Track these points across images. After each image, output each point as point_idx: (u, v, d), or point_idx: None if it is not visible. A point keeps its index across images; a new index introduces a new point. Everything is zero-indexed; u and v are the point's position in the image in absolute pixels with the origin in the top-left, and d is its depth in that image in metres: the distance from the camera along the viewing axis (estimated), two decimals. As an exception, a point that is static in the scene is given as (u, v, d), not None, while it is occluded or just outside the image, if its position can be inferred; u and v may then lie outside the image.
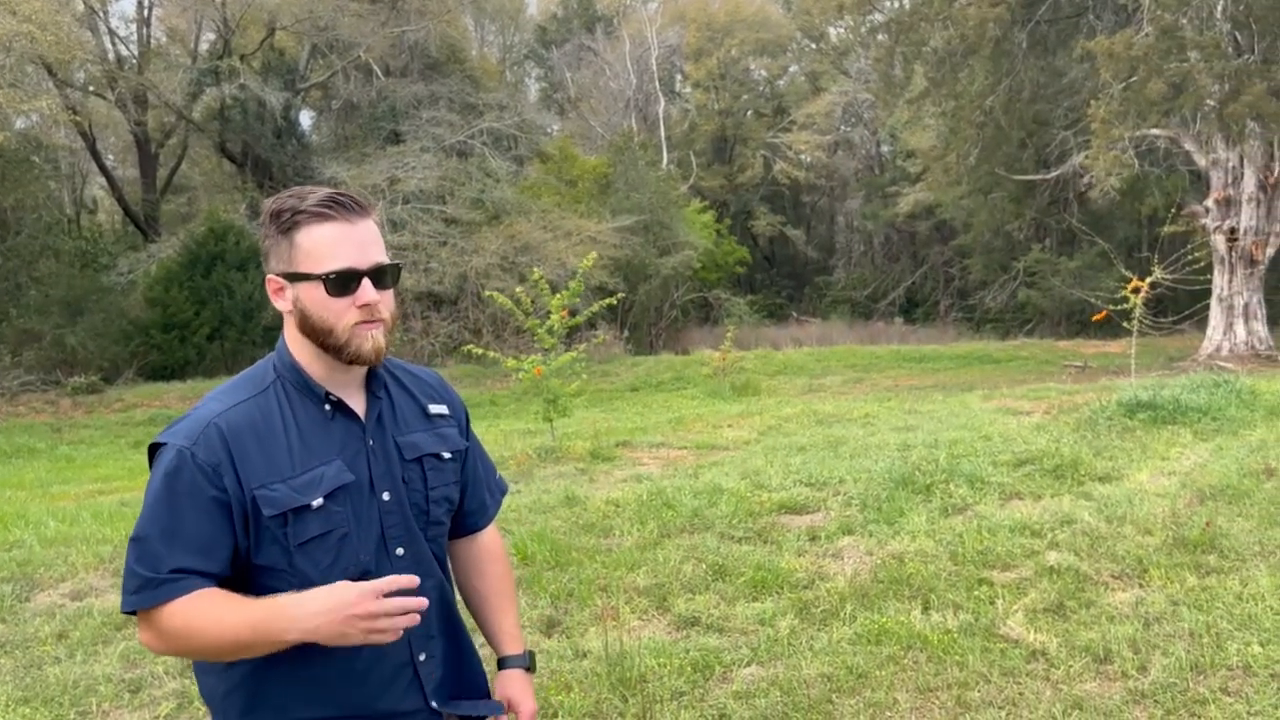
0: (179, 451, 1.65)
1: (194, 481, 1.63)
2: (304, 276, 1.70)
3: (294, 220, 1.69)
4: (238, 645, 1.60)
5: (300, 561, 1.68)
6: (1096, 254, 27.43)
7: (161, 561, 1.61)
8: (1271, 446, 6.91)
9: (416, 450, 1.84)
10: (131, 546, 1.64)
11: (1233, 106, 16.06)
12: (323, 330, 1.71)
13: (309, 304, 1.70)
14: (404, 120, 28.83)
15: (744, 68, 45.31)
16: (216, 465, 1.64)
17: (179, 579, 1.61)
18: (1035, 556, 5.01)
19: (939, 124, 24.46)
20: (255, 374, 1.79)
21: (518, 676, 2.02)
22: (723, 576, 5.06)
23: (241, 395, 1.74)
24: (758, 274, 43.74)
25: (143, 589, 1.61)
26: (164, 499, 1.64)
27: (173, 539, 1.62)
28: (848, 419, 10.80)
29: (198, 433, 1.66)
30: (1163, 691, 3.52)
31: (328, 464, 1.71)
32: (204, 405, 1.73)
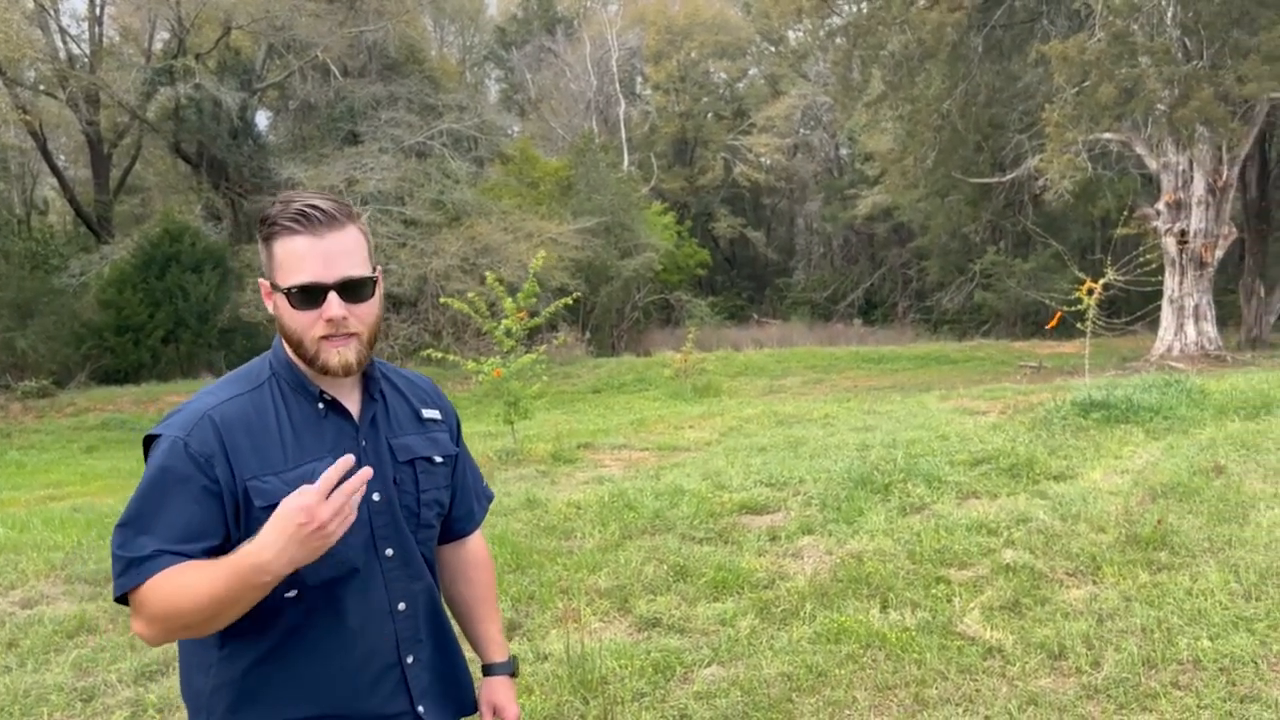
0: (172, 441, 1.66)
1: (186, 470, 1.64)
2: (276, 287, 1.72)
3: (270, 230, 1.71)
4: (220, 601, 1.56)
5: None
6: (1051, 256, 27.84)
7: (144, 545, 1.61)
8: (1220, 445, 7.04)
9: (409, 453, 1.85)
10: (117, 532, 1.64)
11: (1182, 111, 16.37)
12: (294, 341, 1.73)
13: (281, 314, 1.72)
14: (362, 121, 28.60)
15: (704, 70, 45.44)
16: (209, 456, 1.65)
17: (159, 555, 1.60)
18: (991, 555, 5.07)
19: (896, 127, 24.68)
20: (251, 370, 1.81)
21: (503, 683, 2.04)
22: (684, 577, 5.08)
23: (236, 390, 1.75)
24: (719, 276, 43.88)
25: (126, 571, 1.61)
26: (154, 487, 1.65)
27: (157, 524, 1.62)
28: (808, 419, 10.87)
29: (192, 424, 1.68)
30: (1115, 686, 3.58)
31: (320, 460, 1.69)
32: (199, 399, 1.74)
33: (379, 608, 1.77)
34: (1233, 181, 18.68)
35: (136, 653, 4.46)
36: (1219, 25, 16.58)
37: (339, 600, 1.73)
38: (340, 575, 1.71)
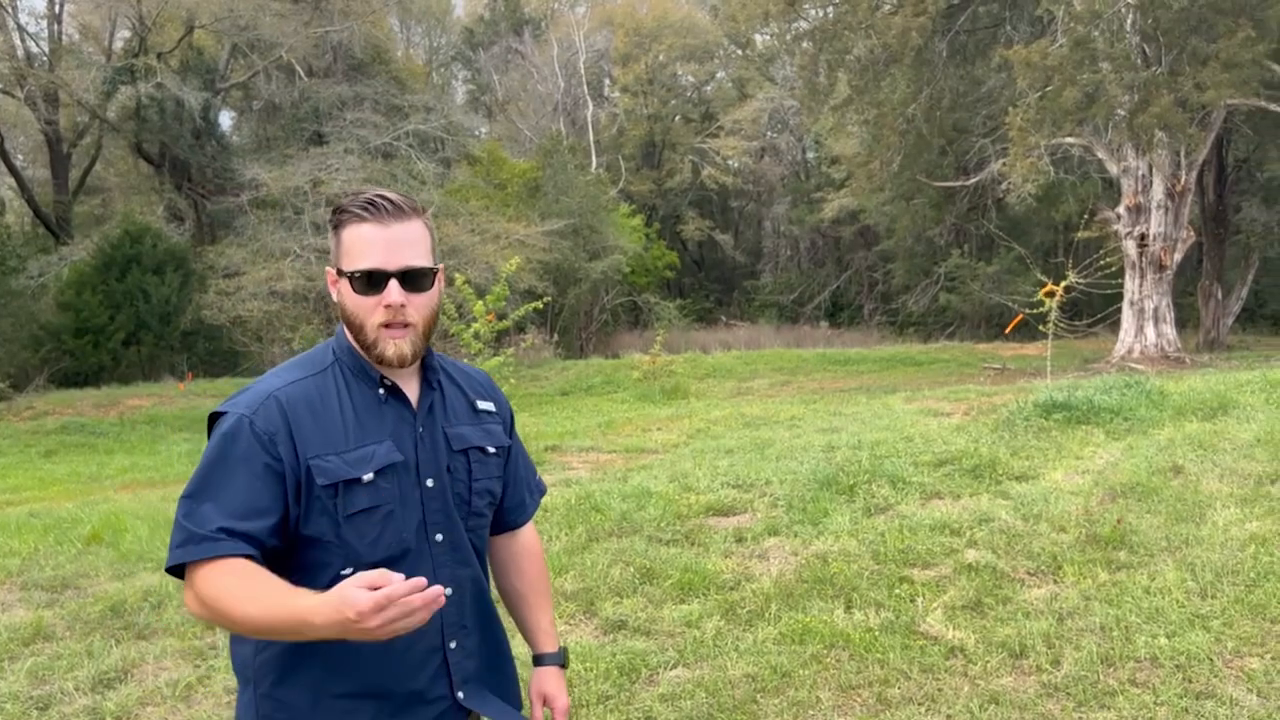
0: (238, 419, 1.72)
1: (249, 447, 1.69)
2: (341, 273, 1.78)
3: (340, 218, 1.79)
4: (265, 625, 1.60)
5: (347, 533, 1.73)
6: (1014, 259, 28.15)
7: (208, 519, 1.65)
8: (1179, 445, 7.15)
9: (464, 442, 1.90)
10: (181, 504, 1.69)
11: (1142, 117, 16.60)
12: (355, 326, 1.79)
13: (344, 298, 1.79)
14: (327, 121, 28.41)
15: (671, 73, 45.55)
16: (273, 434, 1.71)
17: (220, 539, 1.64)
18: (954, 555, 5.12)
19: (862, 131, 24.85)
20: (314, 356, 1.87)
21: (553, 673, 2.09)
22: (650, 579, 5.08)
23: (300, 374, 1.81)
24: (687, 278, 43.98)
25: (187, 543, 1.65)
26: (218, 461, 1.70)
27: (222, 500, 1.67)
28: (774, 421, 10.91)
29: (257, 403, 1.73)
30: (1075, 684, 3.62)
31: (379, 443, 1.78)
32: (264, 380, 1.81)
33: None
34: (1191, 186, 18.98)
35: (94, 660, 4.40)
36: (1177, 33, 16.83)
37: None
38: (394, 555, 1.76)
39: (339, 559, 1.72)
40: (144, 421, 17.67)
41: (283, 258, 24.32)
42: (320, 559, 1.73)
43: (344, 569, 1.71)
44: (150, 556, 5.98)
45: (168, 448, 14.41)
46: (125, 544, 6.37)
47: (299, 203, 25.29)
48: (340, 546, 1.73)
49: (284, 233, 25.05)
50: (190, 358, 25.04)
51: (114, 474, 11.87)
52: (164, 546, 6.08)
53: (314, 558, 1.73)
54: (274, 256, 24.42)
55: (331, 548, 1.73)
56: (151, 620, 4.88)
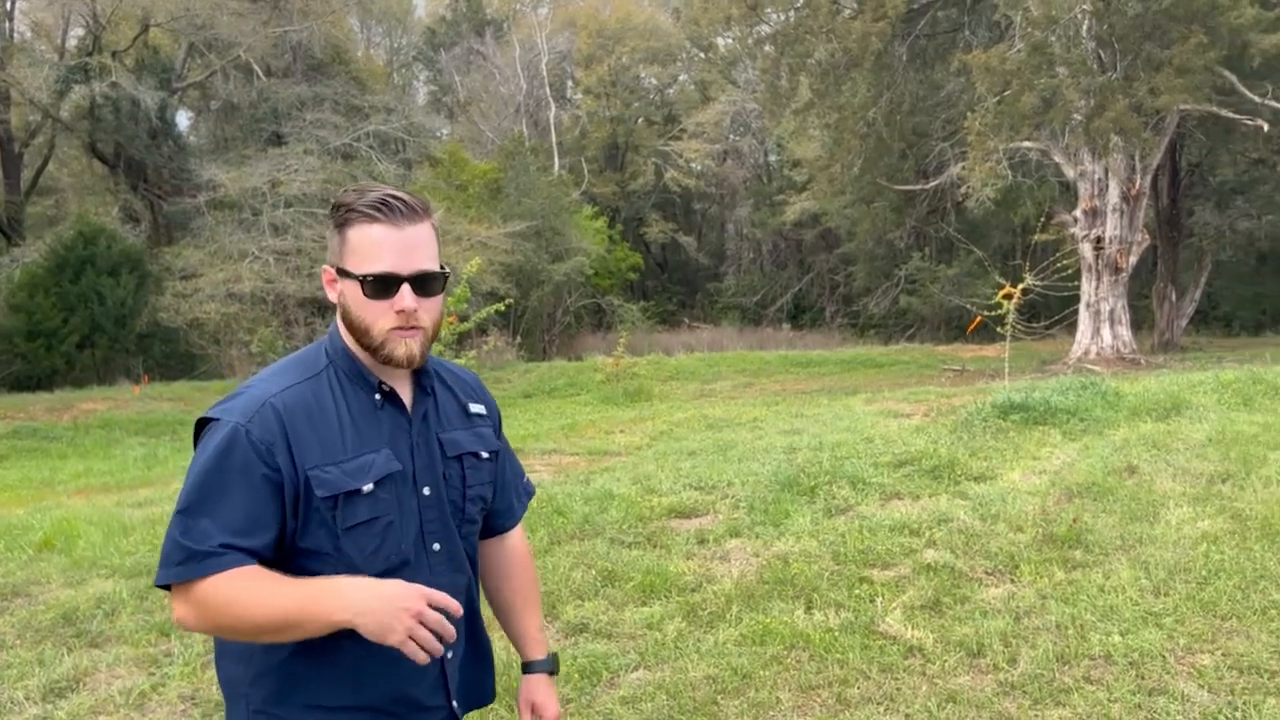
0: (234, 428, 1.64)
1: (246, 458, 1.63)
2: (348, 274, 1.71)
3: (346, 216, 1.71)
4: (282, 623, 1.57)
5: (346, 545, 1.68)
6: (973, 261, 28.46)
7: (208, 535, 1.59)
8: (1134, 445, 7.26)
9: (458, 448, 1.86)
10: (176, 519, 1.62)
11: (1098, 121, 16.85)
12: (360, 329, 1.72)
13: (350, 301, 1.72)
14: (286, 122, 28.13)
15: (634, 75, 45.60)
16: (270, 444, 1.64)
17: (224, 553, 1.59)
18: (913, 555, 5.16)
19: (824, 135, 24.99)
20: (307, 358, 1.79)
21: (542, 681, 2.07)
22: (612, 582, 5.07)
23: (295, 378, 1.73)
24: (650, 280, 44.04)
25: (187, 561, 1.59)
26: (214, 473, 1.63)
27: (220, 513, 1.61)
28: (737, 423, 10.94)
29: (253, 411, 1.66)
30: (1031, 682, 3.66)
31: (377, 452, 1.72)
32: (257, 385, 1.73)
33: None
34: (1145, 190, 19.30)
35: (45, 668, 4.31)
36: (1132, 38, 17.10)
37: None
38: (393, 567, 1.71)
39: (338, 572, 1.65)
40: (98, 426, 17.38)
41: (241, 259, 24.06)
42: (317, 570, 1.66)
43: None
44: (104, 563, 5.88)
45: (123, 452, 14.18)
46: (78, 551, 6.25)
47: (257, 204, 25.02)
48: (338, 559, 1.68)
49: (242, 234, 24.78)
50: (146, 360, 24.68)
51: (67, 479, 11.66)
52: (119, 553, 6.01)
53: (310, 570, 1.67)
54: (232, 258, 24.15)
55: (329, 560, 1.68)
56: (104, 628, 4.79)
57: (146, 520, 7.16)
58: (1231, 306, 29.90)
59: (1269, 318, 29.39)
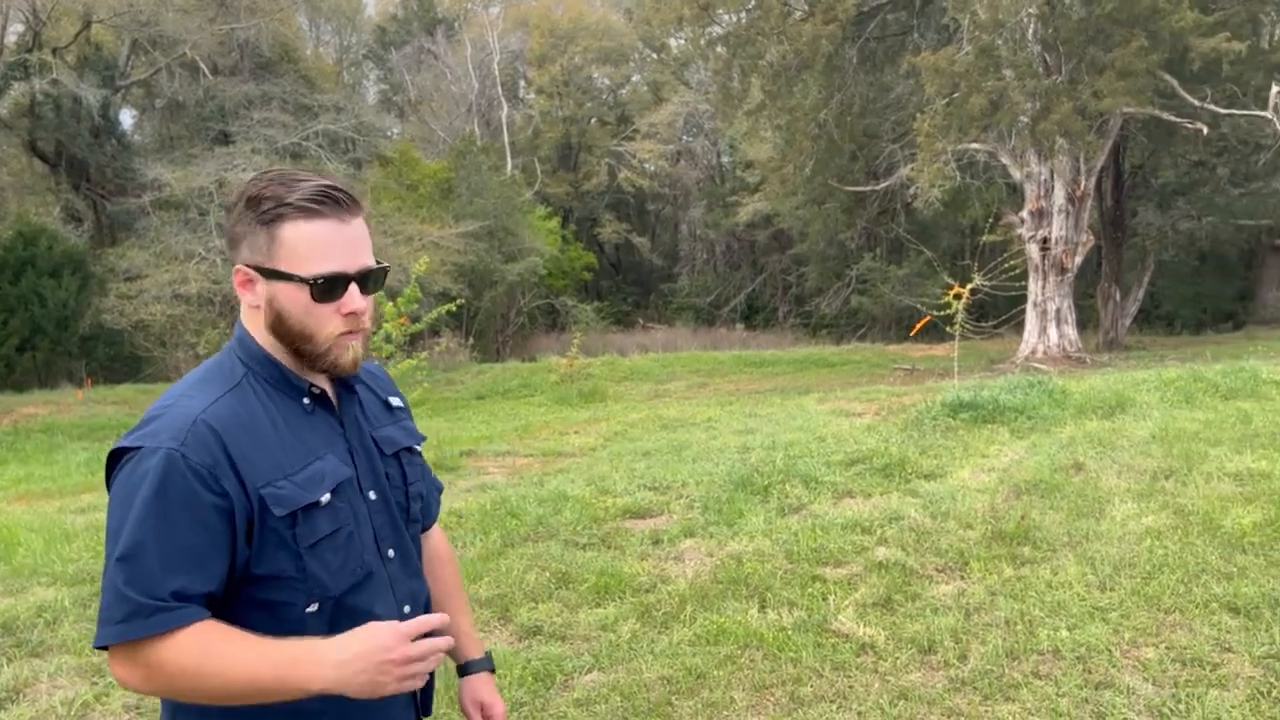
0: (167, 454, 1.43)
1: (187, 488, 1.43)
2: (285, 276, 1.53)
3: (278, 212, 1.52)
4: (253, 690, 1.42)
5: (311, 565, 1.52)
6: (923, 262, 28.77)
7: (157, 583, 1.40)
8: (1079, 443, 7.38)
9: (394, 445, 1.73)
10: (118, 568, 1.41)
11: (1043, 124, 17.12)
12: (301, 336, 1.56)
13: (288, 306, 1.54)
14: (233, 120, 27.70)
15: (587, 75, 45.52)
16: (212, 467, 1.45)
17: (180, 606, 1.41)
18: (865, 553, 5.20)
19: (776, 136, 25.15)
20: (221, 368, 1.59)
21: (485, 680, 1.96)
22: (566, 584, 5.06)
23: (217, 390, 1.53)
24: (604, 280, 44.01)
25: (132, 617, 1.39)
26: (154, 510, 1.41)
27: (167, 556, 1.41)
28: (691, 423, 10.97)
29: (184, 432, 1.45)
30: (981, 678, 3.71)
31: (323, 459, 1.58)
32: (178, 404, 1.50)
33: (389, 613, 1.63)
34: (1090, 191, 19.64)
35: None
36: (1076, 42, 17.40)
37: (355, 609, 1.58)
38: (358, 581, 1.59)
39: (302, 596, 1.52)
40: (40, 430, 16.98)
41: (187, 260, 23.65)
42: (279, 598, 1.52)
43: (309, 606, 1.54)
44: (45, 571, 5.74)
45: (65, 457, 13.86)
46: (17, 558, 6.10)
47: (204, 204, 24.61)
48: (303, 581, 1.52)
49: (188, 234, 24.36)
50: (89, 363, 24.19)
51: (7, 485, 11.38)
52: (61, 560, 5.88)
53: (271, 597, 1.52)
54: (178, 259, 23.73)
55: (293, 584, 1.52)
56: (46, 637, 4.68)
57: (90, 526, 7.02)
58: (1174, 306, 30.55)
59: (1209, 317, 30.08)
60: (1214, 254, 29.37)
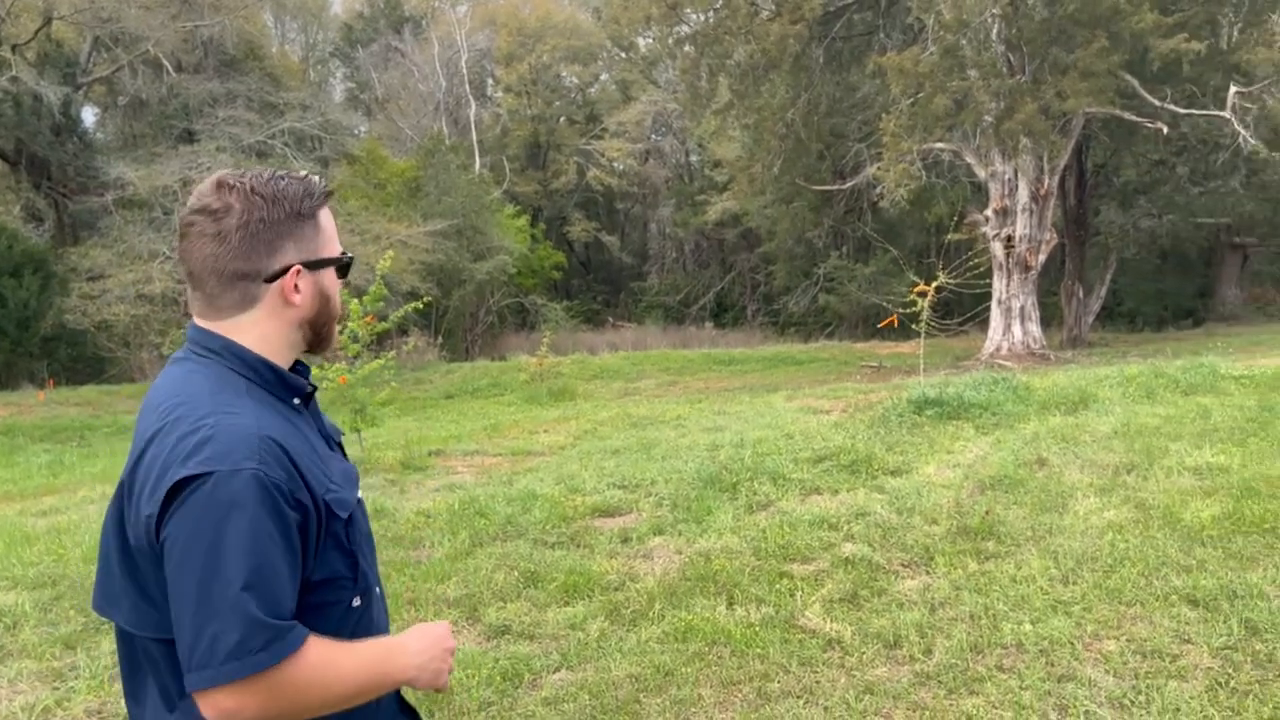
0: (254, 476, 1.39)
1: (277, 507, 1.41)
2: (328, 261, 1.61)
3: (316, 202, 1.60)
4: (365, 689, 1.50)
5: (361, 562, 1.59)
6: (889, 260, 28.99)
7: (283, 605, 1.40)
8: (1043, 438, 7.48)
9: (337, 433, 1.78)
10: (246, 596, 1.36)
11: (1007, 123, 17.30)
12: (334, 316, 1.64)
13: (332, 289, 1.62)
14: (198, 119, 27.41)
15: (555, 74, 45.45)
16: (288, 482, 1.44)
17: (295, 625, 1.41)
18: (832, 549, 5.24)
19: (743, 135, 25.26)
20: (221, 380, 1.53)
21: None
22: (535, 583, 5.05)
23: (247, 402, 1.50)
24: (574, 279, 43.98)
25: (273, 642, 1.37)
26: (260, 533, 1.38)
27: (280, 577, 1.40)
28: (661, 421, 10.99)
29: (256, 449, 1.42)
30: (945, 672, 3.74)
31: (335, 458, 1.64)
32: (222, 420, 1.44)
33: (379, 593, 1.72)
34: (1053, 190, 19.87)
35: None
36: (1039, 43, 17.60)
37: (378, 600, 1.68)
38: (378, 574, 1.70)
39: (349, 593, 1.56)
40: (1, 432, 16.73)
41: (151, 260, 23.38)
42: (332, 599, 1.54)
43: (354, 601, 1.57)
44: (5, 575, 5.66)
45: (27, 459, 13.66)
46: (-23, 563, 6.01)
47: (168, 203, 24.33)
48: (355, 578, 1.57)
49: (152, 234, 24.07)
50: (51, 364, 23.84)
51: (-34, 489, 11.20)
52: (21, 564, 5.79)
53: (325, 599, 1.53)
54: (141, 258, 23.45)
55: (345, 583, 1.55)
56: (6, 641, 4.62)
57: (51, 530, 6.93)
58: (1135, 303, 30.97)
59: (1170, 314, 30.52)
60: (1174, 252, 29.83)
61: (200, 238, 1.53)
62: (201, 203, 1.54)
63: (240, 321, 1.56)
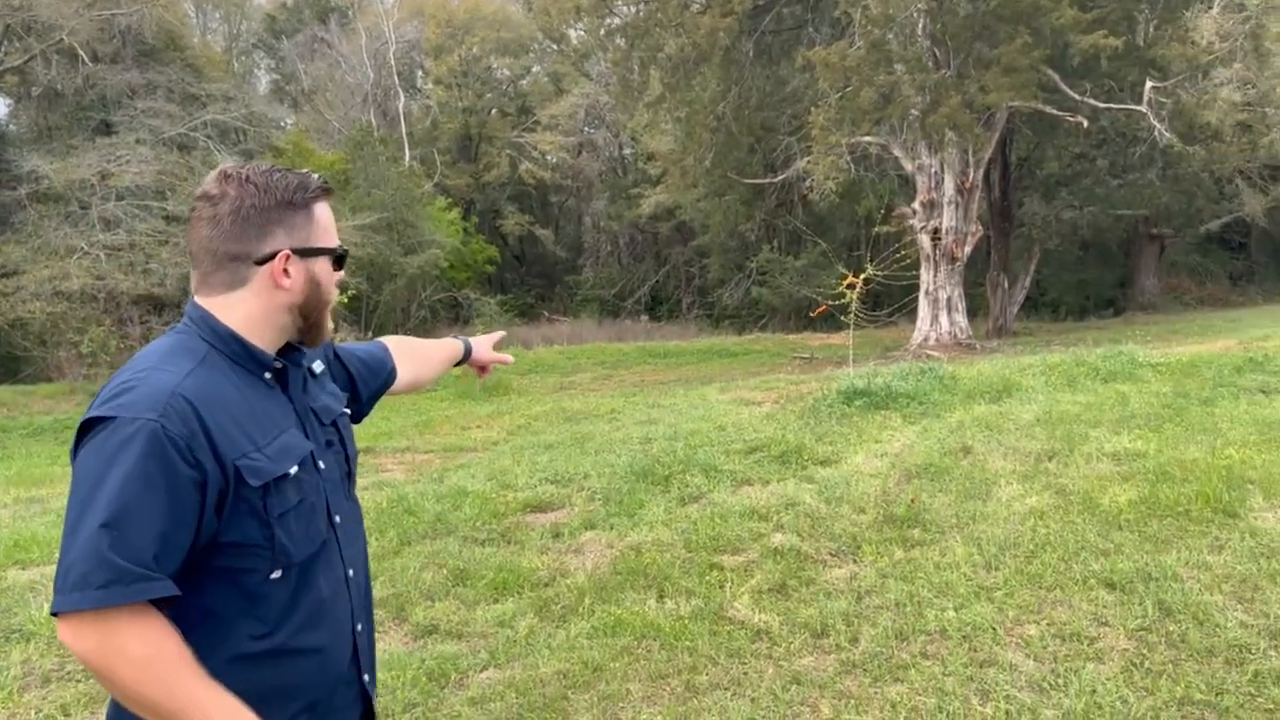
0: (147, 425, 1.47)
1: (167, 460, 1.47)
2: (321, 251, 1.70)
3: (314, 194, 1.70)
4: (155, 705, 1.47)
5: (279, 534, 1.61)
6: (819, 253, 29.28)
7: (142, 552, 1.43)
8: (968, 427, 7.61)
9: (331, 413, 1.83)
10: (101, 533, 1.42)
11: (933, 117, 17.58)
12: (324, 305, 1.72)
13: (323, 278, 1.70)
14: (116, 110, 26.62)
15: (486, 66, 45.00)
16: (189, 439, 1.49)
17: (156, 577, 1.44)
18: (761, 539, 5.27)
19: (675, 128, 25.30)
20: (183, 345, 1.63)
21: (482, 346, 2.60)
22: (464, 581, 5.00)
23: (186, 364, 1.58)
24: (508, 273, 43.64)
25: (114, 583, 1.42)
26: (135, 480, 1.44)
27: (149, 526, 1.45)
28: (595, 415, 10.97)
29: (162, 404, 1.49)
30: (871, 660, 3.78)
31: (286, 432, 1.67)
32: (150, 375, 1.54)
33: (339, 576, 1.75)
34: (979, 183, 20.25)
35: None
36: (964, 38, 17.90)
37: (314, 575, 1.68)
38: (315, 550, 1.68)
39: (266, 563, 1.59)
40: (-92, 436, 16.09)
41: (68, 255, 22.65)
42: (244, 565, 1.58)
43: (272, 573, 1.61)
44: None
45: (-64, 464, 13.16)
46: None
47: (86, 197, 23.61)
48: (270, 549, 1.60)
49: (69, 229, 23.32)
50: (-38, 364, 23.01)
51: None
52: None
53: (236, 564, 1.57)
54: (58, 254, 22.70)
55: (259, 552, 1.59)
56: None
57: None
58: (1058, 293, 31.71)
59: (1092, 303, 31.32)
60: (1095, 243, 30.60)
61: (199, 221, 1.65)
62: (203, 190, 1.66)
63: (229, 299, 1.66)
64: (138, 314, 23.13)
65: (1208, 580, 4.28)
